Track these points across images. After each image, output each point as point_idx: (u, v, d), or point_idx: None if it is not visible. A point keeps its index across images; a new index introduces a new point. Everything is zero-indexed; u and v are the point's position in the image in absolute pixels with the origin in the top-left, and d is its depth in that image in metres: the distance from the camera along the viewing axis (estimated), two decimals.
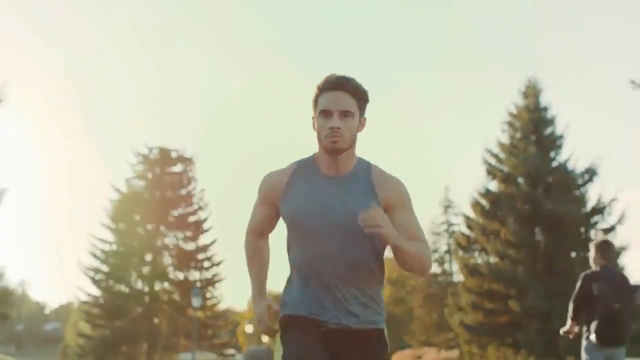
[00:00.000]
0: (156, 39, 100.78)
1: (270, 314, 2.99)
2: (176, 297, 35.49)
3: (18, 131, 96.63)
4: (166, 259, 35.61)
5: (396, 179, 2.97)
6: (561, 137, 28.42)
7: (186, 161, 36.51)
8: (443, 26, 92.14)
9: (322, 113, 2.86)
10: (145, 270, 35.28)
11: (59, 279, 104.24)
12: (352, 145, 2.90)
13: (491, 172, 28.78)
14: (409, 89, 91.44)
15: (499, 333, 27.42)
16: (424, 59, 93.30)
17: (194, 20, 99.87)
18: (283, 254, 3.10)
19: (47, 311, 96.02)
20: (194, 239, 35.98)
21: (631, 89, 16.65)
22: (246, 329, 54.92)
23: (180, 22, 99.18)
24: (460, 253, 29.82)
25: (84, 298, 35.20)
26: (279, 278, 3.13)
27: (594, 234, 27.60)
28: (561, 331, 6.91)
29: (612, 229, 27.34)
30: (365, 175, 2.92)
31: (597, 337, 6.43)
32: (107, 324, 34.68)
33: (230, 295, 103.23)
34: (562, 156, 28.66)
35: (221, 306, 37.54)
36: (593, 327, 6.48)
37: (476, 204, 28.94)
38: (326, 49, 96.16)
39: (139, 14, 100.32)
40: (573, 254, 27.20)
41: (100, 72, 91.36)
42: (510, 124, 29.45)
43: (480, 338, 27.86)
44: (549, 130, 28.79)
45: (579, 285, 6.68)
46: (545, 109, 28.84)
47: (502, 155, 29.07)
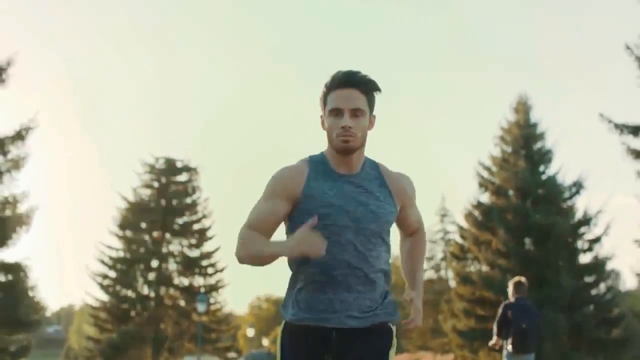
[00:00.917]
0: (156, 40, 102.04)
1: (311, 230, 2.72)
2: (181, 302, 37.11)
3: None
4: (171, 265, 37.11)
5: (405, 176, 3.02)
6: (550, 151, 30.21)
7: (191, 171, 38.27)
8: (443, 27, 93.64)
9: (332, 112, 2.83)
10: (151, 276, 36.77)
11: (59, 282, 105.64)
12: (363, 144, 2.89)
13: (483, 184, 30.60)
14: (409, 90, 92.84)
15: (490, 338, 29.11)
16: (424, 60, 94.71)
17: (194, 22, 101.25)
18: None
19: (48, 314, 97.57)
20: (199, 246, 37.52)
21: (600, 121, 18.24)
22: (247, 332, 56.58)
23: (180, 23, 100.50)
24: (454, 262, 31.65)
25: (92, 303, 36.91)
26: (279, 282, 3.45)
27: (581, 244, 29.44)
28: (490, 343, 9.15)
29: (597, 239, 29.12)
30: (376, 174, 2.94)
31: (512, 347, 8.79)
32: (114, 327, 35.99)
33: (231, 299, 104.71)
34: (551, 169, 30.45)
35: (224, 311, 39.36)
36: (509, 341, 8.83)
37: (469, 215, 30.77)
38: (326, 50, 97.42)
39: (139, 14, 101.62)
40: (560, 263, 28.94)
41: (100, 72, 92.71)
42: (502, 138, 31.26)
43: (472, 343, 29.66)
44: (538, 145, 30.56)
45: (500, 312, 8.97)
46: (535, 124, 30.63)
47: (494, 169, 30.90)
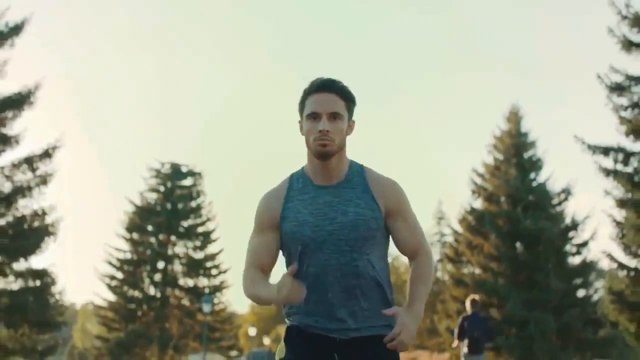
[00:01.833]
0: (156, 40, 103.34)
1: (291, 279, 2.66)
2: (186, 302, 38.99)
3: None
4: (177, 267, 38.94)
5: (391, 181, 2.91)
6: (540, 159, 32.13)
7: (195, 175, 40.17)
8: (443, 28, 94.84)
9: (309, 116, 2.80)
10: (157, 277, 38.54)
11: (61, 281, 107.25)
12: (342, 148, 2.85)
13: (476, 191, 32.53)
14: (409, 90, 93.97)
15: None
16: (423, 60, 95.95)
17: (194, 22, 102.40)
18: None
19: None
20: (203, 248, 39.36)
21: (574, 142, 20.09)
22: (249, 331, 58.46)
23: (180, 23, 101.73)
24: (449, 264, 33.61)
25: (100, 303, 38.80)
26: None
27: (569, 248, 31.38)
28: (452, 345, 12.39)
29: (585, 243, 31.04)
30: (359, 180, 2.86)
31: (467, 349, 11.75)
32: (121, 327, 37.76)
33: (232, 299, 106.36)
34: (541, 176, 32.37)
35: (227, 311, 41.29)
36: (465, 344, 11.79)
37: (463, 220, 32.72)
38: (327, 51, 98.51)
39: (139, 14, 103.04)
40: (549, 266, 30.85)
41: (100, 72, 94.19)
42: (494, 146, 33.19)
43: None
44: (529, 153, 32.48)
45: (459, 322, 11.92)
46: (526, 134, 32.55)
47: (486, 176, 32.84)
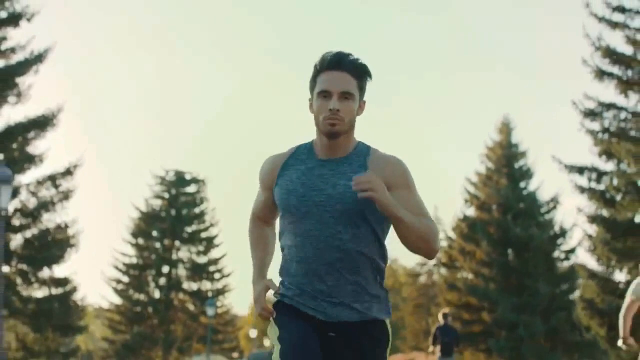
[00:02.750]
0: (156, 40, 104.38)
1: (266, 296, 2.90)
2: (190, 305, 40.69)
3: None
4: (181, 271, 40.50)
5: (394, 157, 2.88)
6: (529, 170, 34.14)
7: (199, 183, 42.00)
8: (443, 29, 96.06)
9: (320, 94, 2.80)
10: (162, 281, 40.10)
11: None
12: (351, 128, 2.83)
13: (469, 200, 34.55)
14: (409, 91, 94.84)
15: (474, 340, 33.16)
16: (423, 62, 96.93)
17: (194, 22, 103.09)
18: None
19: None
20: (206, 253, 40.97)
21: (552, 161, 21.98)
22: (250, 333, 60.32)
23: (180, 23, 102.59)
24: (443, 270, 35.61)
25: (107, 306, 40.67)
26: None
27: (557, 254, 33.38)
28: (429, 350, 14.77)
29: (573, 250, 33.03)
30: (361, 158, 2.84)
31: (440, 353, 14.31)
32: (127, 329, 39.34)
33: (233, 301, 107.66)
34: (531, 186, 34.38)
35: (230, 314, 43.25)
36: (439, 349, 14.37)
37: (456, 227, 34.75)
38: (327, 51, 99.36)
39: (139, 14, 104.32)
40: (538, 272, 32.81)
41: (100, 72, 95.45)
42: (487, 156, 35.19)
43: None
44: (520, 164, 34.48)
45: (433, 331, 14.58)
46: (517, 145, 34.56)
47: (479, 185, 34.84)
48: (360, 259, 2.80)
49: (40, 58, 20.60)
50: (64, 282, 21.98)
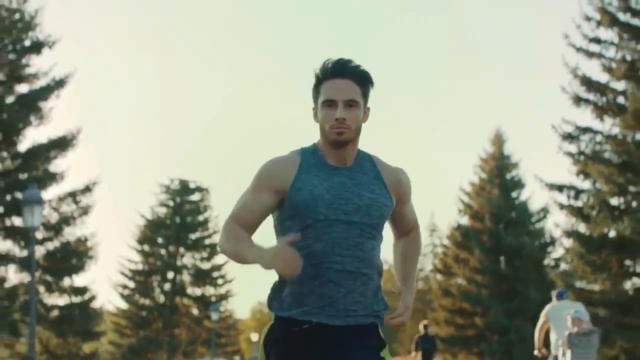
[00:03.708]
0: (156, 40, 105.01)
1: (291, 249, 2.69)
2: (194, 310, 42.41)
3: None
4: (185, 277, 42.15)
5: (401, 170, 3.02)
6: (521, 180, 36.23)
7: (203, 191, 43.90)
8: (443, 30, 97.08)
9: (325, 103, 2.82)
10: (167, 286, 41.78)
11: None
12: (357, 136, 2.88)
13: (463, 209, 36.65)
14: (409, 92, 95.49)
15: (468, 344, 35.27)
16: (423, 64, 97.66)
17: (194, 22, 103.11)
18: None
19: None
20: (210, 259, 42.51)
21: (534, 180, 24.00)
22: (251, 337, 62.25)
23: (180, 23, 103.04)
24: (438, 275, 37.74)
25: (113, 311, 42.54)
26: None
27: (547, 262, 35.48)
28: (412, 355, 16.89)
29: (561, 258, 35.07)
30: (370, 167, 2.93)
31: (422, 358, 16.30)
32: (133, 333, 40.90)
33: (235, 306, 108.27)
34: (523, 195, 36.45)
35: (233, 317, 45.26)
36: (420, 354, 16.41)
37: (450, 236, 36.88)
38: (327, 53, 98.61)
39: (139, 15, 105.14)
40: (529, 279, 34.87)
41: (100, 72, 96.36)
42: (480, 167, 37.28)
43: (452, 348, 35.69)
44: (512, 174, 36.57)
45: (415, 339, 16.77)
46: (508, 156, 36.65)
47: (472, 195, 36.92)
48: (372, 270, 2.88)
49: (61, 83, 22.70)
50: (83, 291, 24.17)
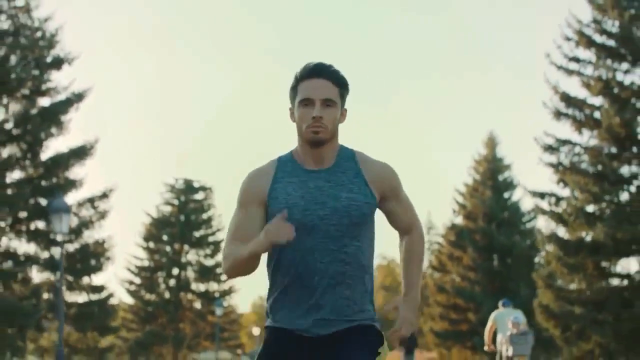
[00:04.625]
0: (156, 40, 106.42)
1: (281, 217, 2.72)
2: (198, 305, 44.68)
3: None
4: (189, 273, 44.38)
5: (384, 164, 2.95)
6: (512, 182, 38.45)
7: (206, 190, 45.98)
8: (443, 30, 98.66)
9: (302, 102, 2.83)
10: (172, 282, 43.93)
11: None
12: (334, 136, 2.88)
13: (457, 210, 38.93)
14: (409, 92, 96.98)
15: (461, 338, 37.57)
16: (424, 63, 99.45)
17: (194, 22, 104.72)
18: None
19: None
20: (213, 256, 44.67)
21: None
22: (253, 331, 64.45)
23: (180, 23, 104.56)
24: (434, 273, 40.06)
25: (121, 306, 44.59)
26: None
27: (537, 260, 37.68)
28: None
29: (543, 260, 37.23)
30: (351, 164, 2.89)
31: (404, 351, 18.38)
32: (139, 327, 43.11)
33: (238, 301, 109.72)
34: (514, 196, 38.68)
35: (236, 312, 47.50)
36: (403, 353, 18.77)
37: (445, 235, 39.18)
38: (327, 52, 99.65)
39: (139, 15, 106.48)
40: (520, 276, 37.08)
41: (100, 72, 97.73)
42: (474, 168, 39.50)
43: (446, 342, 38.00)
44: (504, 176, 38.80)
45: None
46: (501, 159, 38.87)
47: (466, 195, 39.17)
48: (360, 272, 2.86)
49: (80, 97, 24.90)
50: (100, 289, 26.51)
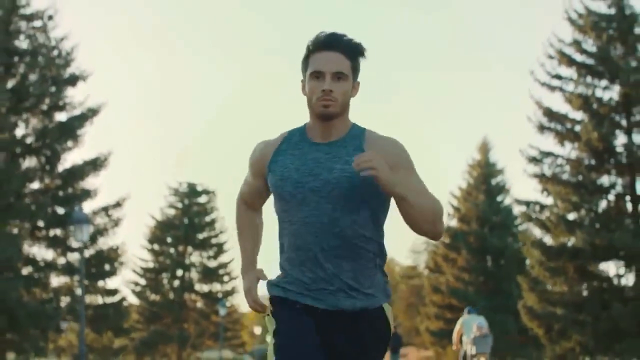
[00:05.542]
0: (156, 39, 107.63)
1: (257, 288, 2.92)
2: (201, 305, 46.35)
3: None
4: (193, 274, 46.02)
5: (391, 139, 2.91)
6: (504, 186, 40.53)
7: (210, 193, 47.80)
8: (443, 28, 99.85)
9: (313, 75, 2.83)
10: (176, 283, 45.56)
11: None
12: (345, 110, 2.86)
13: (452, 213, 41.04)
14: (409, 90, 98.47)
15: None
16: (424, 59, 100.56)
17: (194, 22, 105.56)
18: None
19: None
20: (216, 257, 46.43)
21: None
22: (254, 330, 66.37)
23: (180, 24, 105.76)
24: (429, 274, 42.17)
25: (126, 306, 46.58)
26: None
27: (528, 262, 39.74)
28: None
29: (527, 264, 39.25)
30: (356, 141, 2.87)
31: (390, 350, 20.45)
32: (144, 327, 44.43)
33: (240, 301, 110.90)
34: (507, 199, 40.70)
35: (238, 312, 49.39)
36: (389, 352, 20.77)
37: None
38: None
39: (139, 15, 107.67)
40: (512, 277, 39.03)
41: (100, 72, 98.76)
42: (468, 172, 41.58)
43: (441, 340, 40.08)
44: (497, 180, 40.86)
45: None
46: (494, 164, 40.93)
47: (461, 199, 41.25)
48: (360, 245, 2.82)
49: (94, 112, 26.94)
50: (114, 292, 28.68)
